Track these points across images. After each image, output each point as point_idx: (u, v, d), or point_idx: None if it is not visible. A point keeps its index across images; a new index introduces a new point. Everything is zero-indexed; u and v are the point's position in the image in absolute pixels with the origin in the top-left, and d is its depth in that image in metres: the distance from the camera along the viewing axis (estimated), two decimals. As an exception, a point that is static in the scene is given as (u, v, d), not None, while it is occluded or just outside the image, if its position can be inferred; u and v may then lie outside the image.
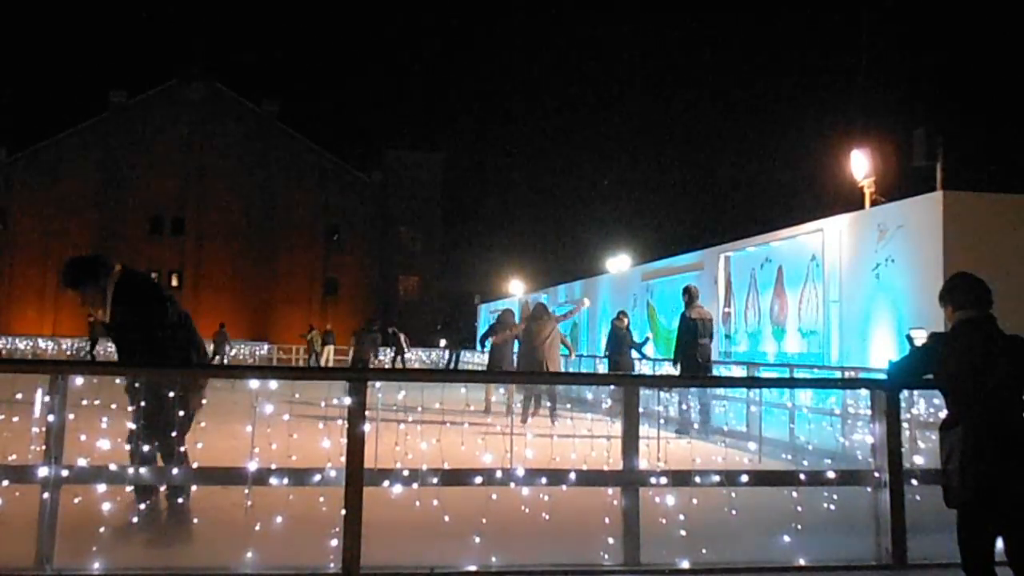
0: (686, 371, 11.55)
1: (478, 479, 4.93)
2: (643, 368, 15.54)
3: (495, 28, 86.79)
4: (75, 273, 5.33)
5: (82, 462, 4.73)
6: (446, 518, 4.92)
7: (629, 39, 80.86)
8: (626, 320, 15.12)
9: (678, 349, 11.97)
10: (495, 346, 14.40)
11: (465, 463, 5.20)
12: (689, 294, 12.05)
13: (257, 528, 4.87)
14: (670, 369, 12.81)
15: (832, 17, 64.30)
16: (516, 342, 14.34)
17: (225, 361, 28.08)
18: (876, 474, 5.23)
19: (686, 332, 11.79)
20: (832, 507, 5.85)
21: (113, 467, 4.64)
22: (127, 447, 4.98)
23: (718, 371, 13.53)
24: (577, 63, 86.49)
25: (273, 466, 4.87)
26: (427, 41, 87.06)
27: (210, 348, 33.20)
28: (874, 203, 13.06)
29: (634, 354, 15.21)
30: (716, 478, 5.14)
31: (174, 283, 55.54)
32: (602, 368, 16.32)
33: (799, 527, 5.23)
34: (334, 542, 4.67)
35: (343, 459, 4.76)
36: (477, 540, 4.84)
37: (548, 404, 13.07)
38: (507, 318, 14.79)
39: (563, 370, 14.09)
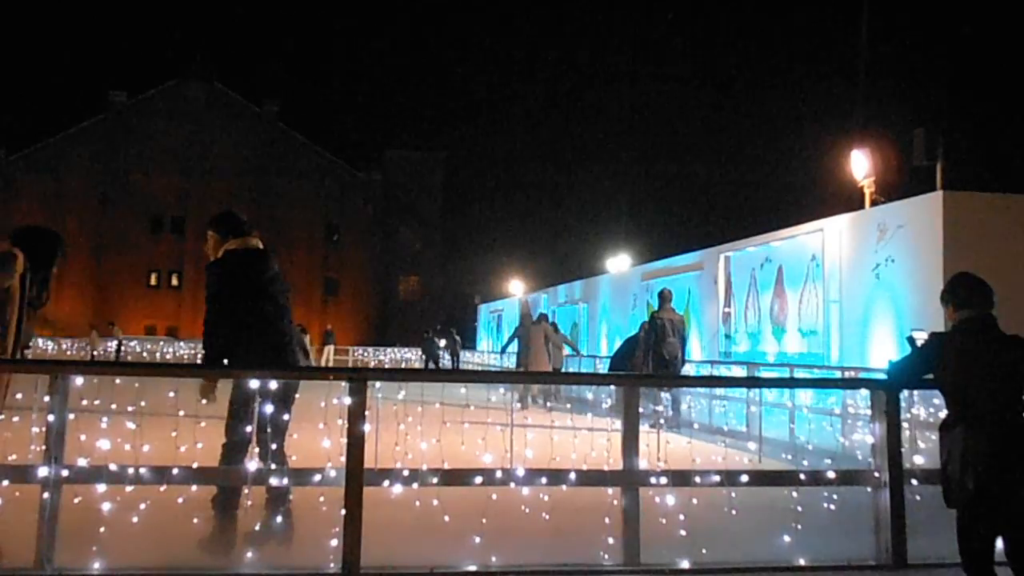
0: (654, 367, 12.43)
1: (478, 479, 4.93)
2: None
3: (495, 28, 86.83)
4: (220, 220, 5.48)
5: (82, 462, 4.73)
6: (446, 518, 4.93)
7: (630, 39, 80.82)
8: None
9: (648, 347, 12.82)
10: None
11: (465, 463, 5.20)
12: (661, 297, 13.07)
13: (257, 528, 4.87)
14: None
15: (832, 17, 64.33)
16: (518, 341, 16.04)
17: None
18: (876, 474, 5.23)
19: (654, 331, 12.69)
20: (832, 507, 5.86)
21: (113, 467, 4.64)
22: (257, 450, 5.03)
23: (718, 371, 13.57)
24: (578, 63, 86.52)
25: (273, 466, 4.88)
26: (427, 41, 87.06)
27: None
28: (874, 203, 13.07)
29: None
30: (716, 478, 5.14)
31: (174, 283, 55.56)
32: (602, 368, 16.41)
33: (799, 527, 5.23)
34: (334, 542, 4.67)
35: (343, 459, 4.76)
36: (477, 540, 4.84)
37: (544, 401, 15.19)
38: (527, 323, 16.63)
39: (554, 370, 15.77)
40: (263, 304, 5.25)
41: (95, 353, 30.13)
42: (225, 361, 5.16)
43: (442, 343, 31.54)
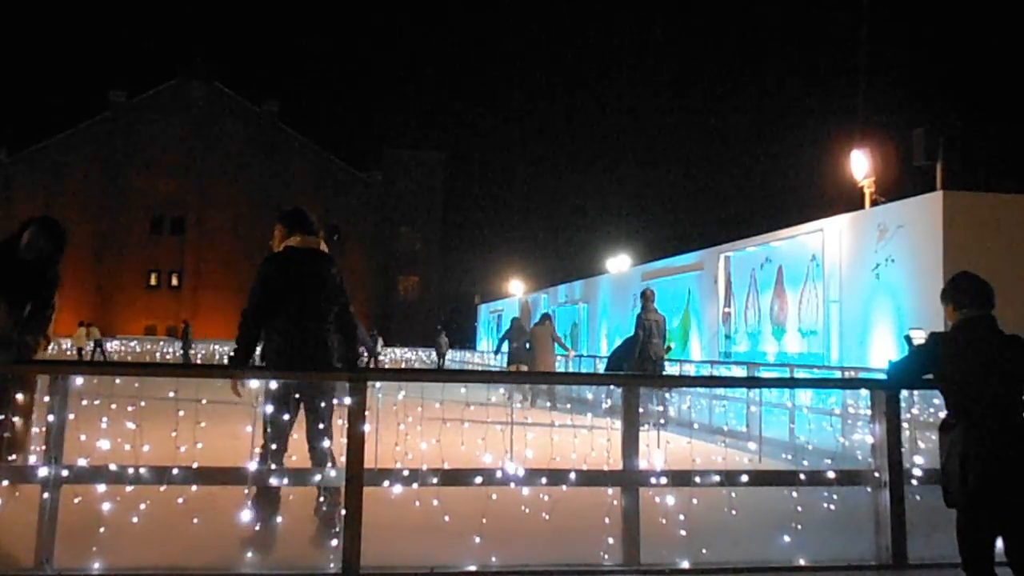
0: (640, 367, 12.66)
1: (478, 479, 4.93)
2: None
3: (495, 28, 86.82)
4: (287, 216, 5.63)
5: (82, 462, 4.73)
6: (446, 518, 4.92)
7: (630, 38, 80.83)
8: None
9: (632, 347, 13.05)
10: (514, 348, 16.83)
11: (465, 463, 5.20)
12: (645, 298, 13.21)
13: (257, 528, 4.87)
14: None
15: (832, 17, 64.30)
16: (507, 342, 16.98)
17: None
18: (876, 474, 5.23)
19: (642, 333, 12.87)
20: (832, 507, 5.85)
21: (113, 467, 4.64)
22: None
23: (718, 371, 13.57)
24: (578, 62, 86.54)
25: (273, 466, 4.88)
26: (427, 41, 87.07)
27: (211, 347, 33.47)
28: (874, 203, 13.06)
29: None
30: (716, 478, 5.14)
31: (174, 283, 55.54)
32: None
33: (799, 527, 5.23)
34: (334, 542, 4.67)
35: (343, 459, 4.76)
36: (477, 540, 4.84)
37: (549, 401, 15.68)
38: (520, 325, 17.47)
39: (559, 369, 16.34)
40: (300, 305, 5.26)
41: (81, 350, 30.16)
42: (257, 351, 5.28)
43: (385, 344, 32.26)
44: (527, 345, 16.82)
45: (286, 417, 5.06)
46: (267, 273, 5.30)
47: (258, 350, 5.41)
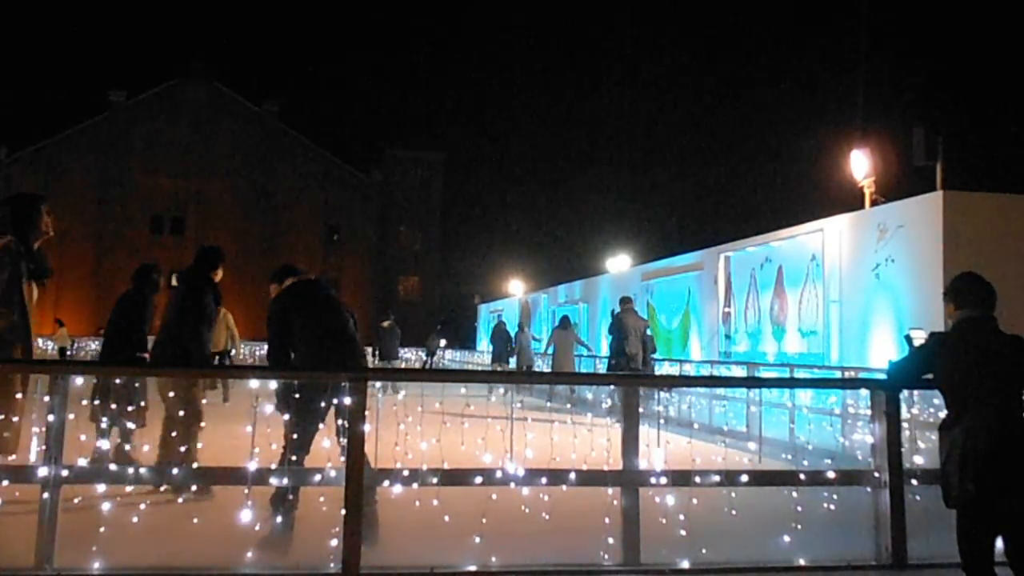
0: (621, 366, 13.21)
1: (478, 479, 4.93)
2: None
3: (495, 28, 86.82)
4: (277, 272, 6.00)
5: (82, 462, 4.73)
6: (446, 518, 4.92)
7: (630, 38, 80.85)
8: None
9: (613, 347, 13.79)
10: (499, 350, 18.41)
11: (465, 463, 5.20)
12: (625, 302, 14.01)
13: (257, 528, 4.87)
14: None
15: (832, 17, 64.30)
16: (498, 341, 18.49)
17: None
18: (876, 474, 5.23)
19: (619, 333, 13.55)
20: (832, 507, 5.85)
21: (113, 467, 4.64)
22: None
23: (718, 371, 13.59)
24: (577, 62, 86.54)
25: (273, 466, 4.88)
26: (427, 41, 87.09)
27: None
28: (874, 203, 13.06)
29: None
30: (716, 478, 5.14)
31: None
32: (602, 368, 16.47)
33: (799, 527, 5.23)
34: (334, 542, 4.67)
35: (343, 459, 4.76)
36: (477, 540, 4.84)
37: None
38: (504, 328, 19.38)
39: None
40: (326, 318, 5.56)
41: (63, 349, 30.02)
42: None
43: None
44: (510, 347, 17.70)
45: (315, 424, 5.17)
46: (279, 311, 5.55)
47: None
